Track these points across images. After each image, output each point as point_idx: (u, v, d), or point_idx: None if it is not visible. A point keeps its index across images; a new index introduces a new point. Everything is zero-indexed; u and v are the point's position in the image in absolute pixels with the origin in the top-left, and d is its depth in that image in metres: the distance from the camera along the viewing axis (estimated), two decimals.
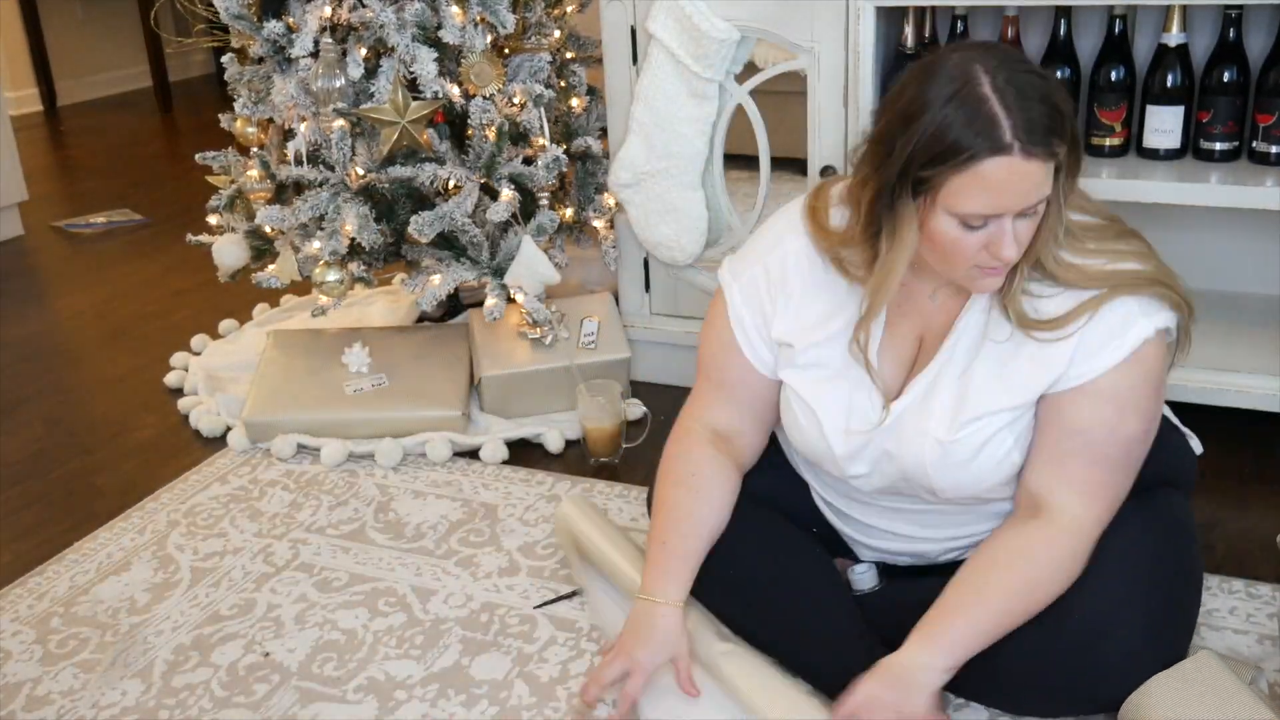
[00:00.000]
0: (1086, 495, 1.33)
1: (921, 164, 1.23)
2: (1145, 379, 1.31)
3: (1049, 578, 1.32)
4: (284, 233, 2.32)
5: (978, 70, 1.22)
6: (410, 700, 1.52)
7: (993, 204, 1.23)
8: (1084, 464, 1.32)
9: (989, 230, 1.25)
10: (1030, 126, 1.20)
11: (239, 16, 2.26)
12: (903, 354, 1.41)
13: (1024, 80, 1.21)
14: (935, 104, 1.22)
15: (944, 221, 1.26)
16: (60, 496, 2.10)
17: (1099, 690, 1.34)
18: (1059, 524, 1.33)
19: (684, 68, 2.08)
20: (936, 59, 1.25)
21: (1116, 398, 1.30)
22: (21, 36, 5.57)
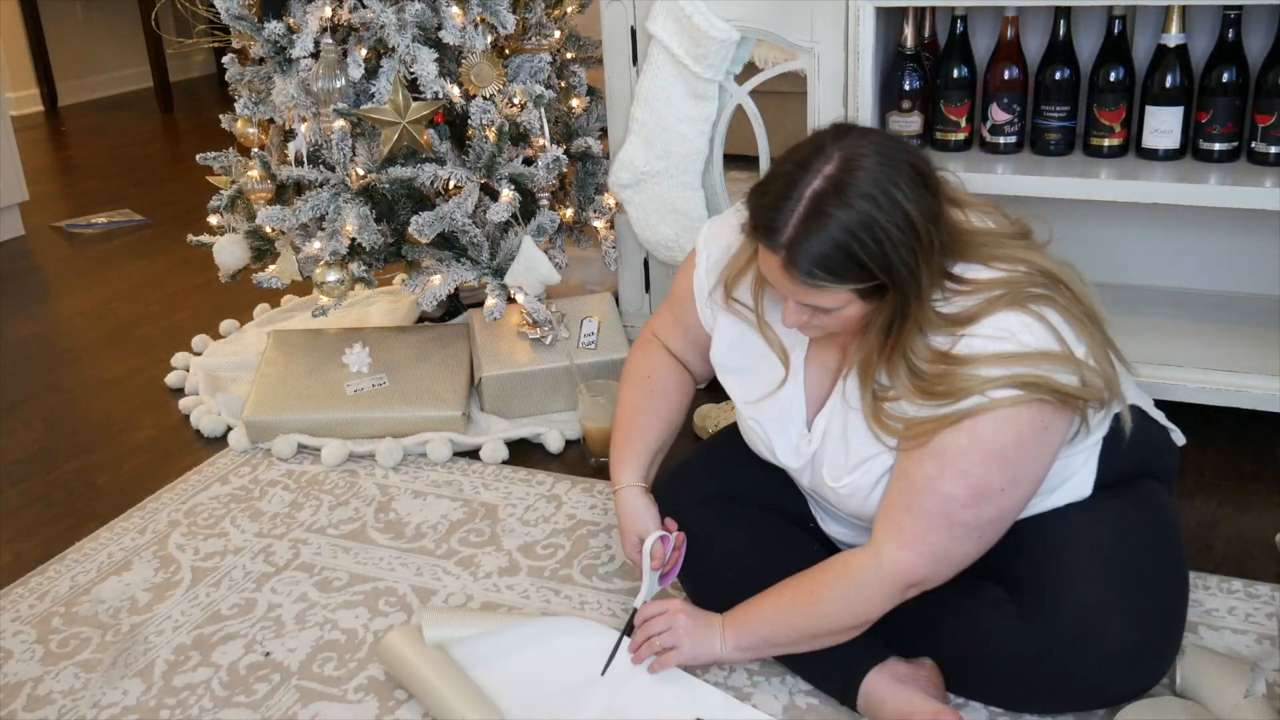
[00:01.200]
0: (897, 539, 1.32)
1: (747, 206, 1.31)
2: (975, 446, 1.27)
3: (834, 602, 1.36)
4: (284, 233, 2.33)
5: (823, 167, 1.23)
6: (410, 700, 1.52)
7: (769, 278, 1.31)
8: (902, 509, 1.32)
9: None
10: (799, 252, 1.23)
11: (240, 17, 2.27)
12: (830, 364, 1.44)
13: (839, 213, 1.20)
14: (778, 164, 1.28)
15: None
16: (61, 496, 2.10)
17: (1090, 686, 1.35)
18: (867, 555, 1.35)
19: (684, 68, 2.08)
20: (831, 130, 1.28)
21: (939, 454, 1.28)
22: (22, 37, 5.58)
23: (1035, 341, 1.26)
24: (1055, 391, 1.25)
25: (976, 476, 1.28)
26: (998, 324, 1.27)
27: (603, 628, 1.57)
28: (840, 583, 1.36)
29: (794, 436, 1.47)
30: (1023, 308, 1.28)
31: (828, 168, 1.23)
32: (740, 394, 1.52)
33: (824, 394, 1.44)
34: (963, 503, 1.29)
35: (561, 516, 1.93)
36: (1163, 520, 1.43)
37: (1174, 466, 1.57)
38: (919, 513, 1.31)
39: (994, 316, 1.28)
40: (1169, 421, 1.59)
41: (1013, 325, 1.27)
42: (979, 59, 2.13)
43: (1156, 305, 2.22)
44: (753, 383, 1.50)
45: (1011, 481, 1.30)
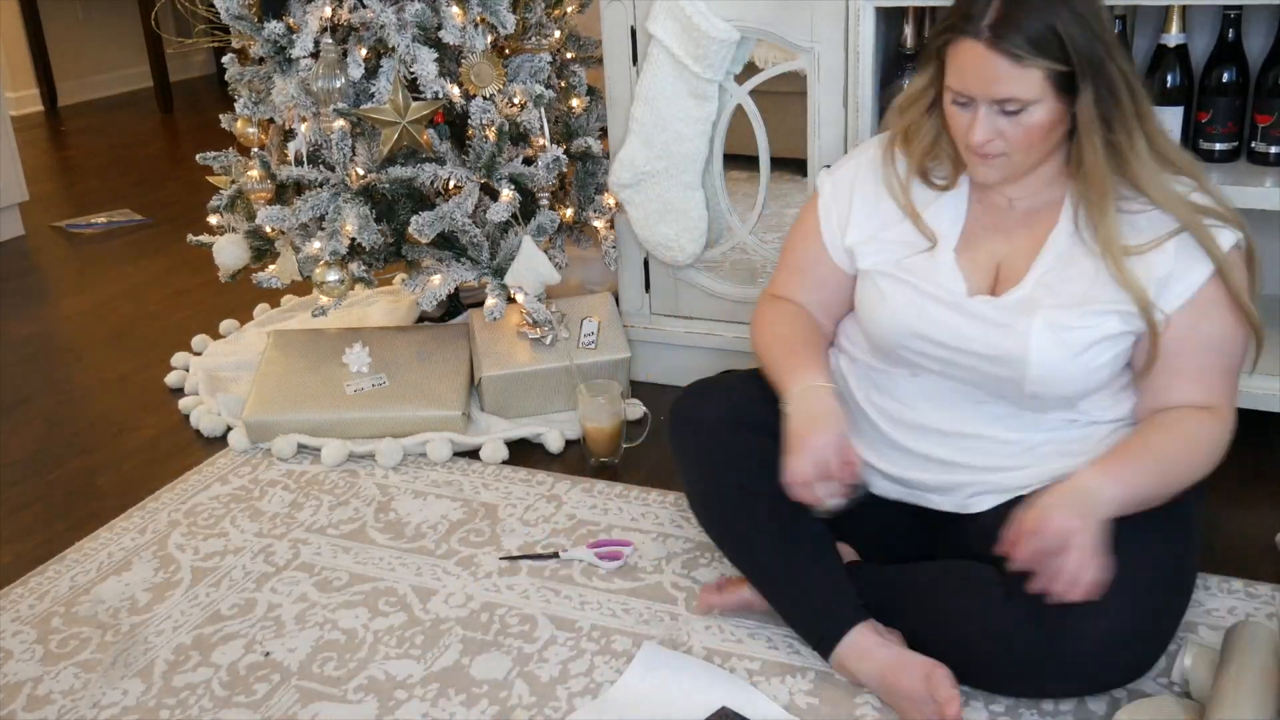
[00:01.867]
0: (1226, 394, 1.43)
1: (937, 29, 1.38)
2: (1244, 282, 1.40)
3: (1202, 451, 1.40)
4: (284, 233, 2.33)
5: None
6: (410, 700, 1.52)
7: (961, 83, 1.35)
8: (1221, 374, 1.42)
9: (971, 111, 1.36)
10: (1006, 26, 1.29)
11: (239, 17, 2.27)
12: (982, 259, 1.47)
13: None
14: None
15: (946, 93, 1.39)
16: (60, 496, 2.10)
17: (1074, 670, 1.35)
18: (1219, 416, 1.42)
19: (684, 68, 2.08)
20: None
21: (1235, 302, 1.39)
22: (22, 37, 5.58)
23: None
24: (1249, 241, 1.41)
25: (1247, 313, 1.41)
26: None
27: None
28: (1199, 433, 1.40)
29: (954, 299, 1.46)
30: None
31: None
32: (888, 262, 1.51)
33: (983, 280, 1.47)
34: (1244, 343, 1.44)
35: (561, 516, 1.93)
36: (1172, 514, 1.42)
37: None
38: (1233, 372, 1.43)
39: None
40: None
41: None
42: None
43: None
44: (898, 255, 1.52)
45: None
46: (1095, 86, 1.32)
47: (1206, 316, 1.39)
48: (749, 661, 1.54)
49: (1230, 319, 1.40)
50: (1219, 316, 1.40)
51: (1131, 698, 1.42)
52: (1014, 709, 1.43)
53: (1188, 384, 1.41)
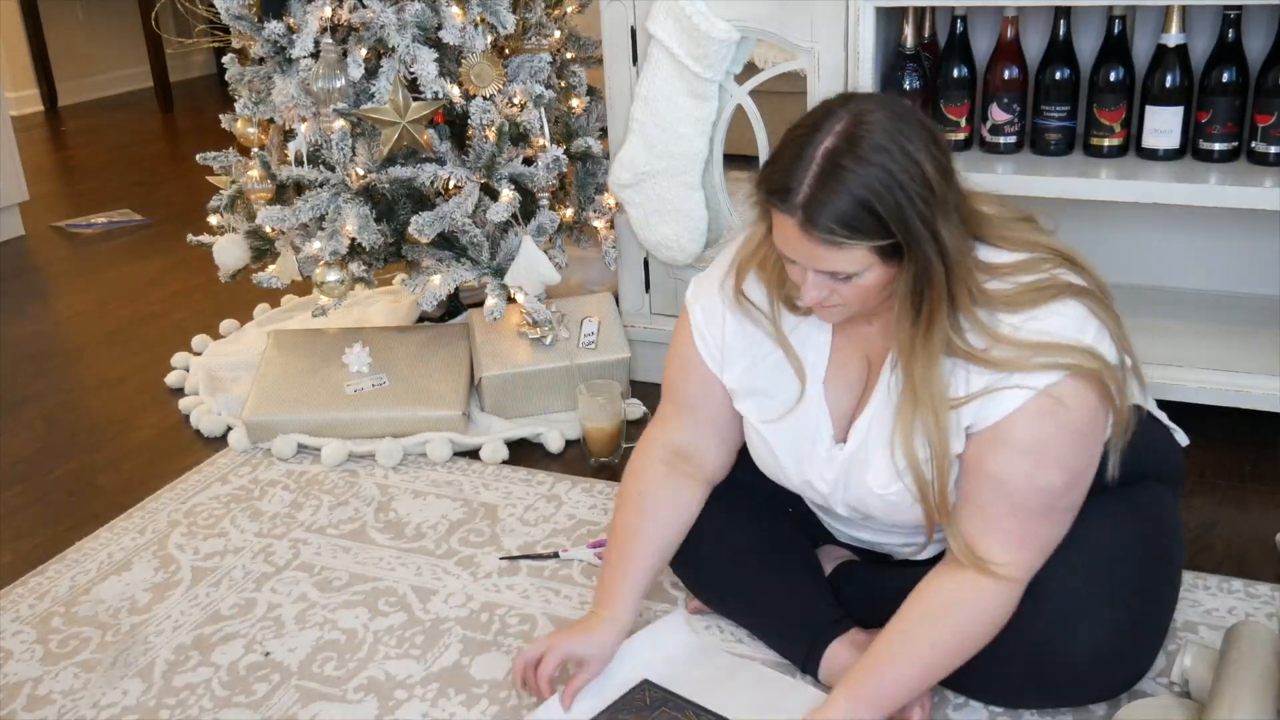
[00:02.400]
0: (1011, 545, 1.30)
1: (757, 181, 1.28)
2: (1063, 429, 1.27)
3: (977, 629, 1.32)
4: (284, 233, 2.33)
5: (835, 126, 1.22)
6: (410, 700, 1.52)
7: (785, 250, 1.28)
8: (1005, 513, 1.30)
9: (802, 270, 1.29)
10: (817, 209, 1.20)
11: (239, 17, 2.27)
12: (854, 381, 1.43)
13: (855, 168, 1.19)
14: (788, 132, 1.27)
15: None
16: (60, 496, 2.10)
17: (1063, 683, 1.35)
18: (988, 573, 1.30)
19: (684, 68, 2.08)
20: (838, 96, 1.28)
21: (1034, 450, 1.27)
22: (22, 37, 5.58)
23: (1077, 335, 1.28)
24: (1107, 375, 1.28)
25: (1069, 461, 1.29)
26: (1039, 317, 1.28)
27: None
28: (971, 611, 1.32)
29: (823, 451, 1.44)
30: (1059, 298, 1.29)
31: (838, 126, 1.22)
32: (758, 415, 1.48)
33: (849, 409, 1.42)
34: (1061, 491, 1.30)
35: (561, 516, 1.93)
36: (1157, 523, 1.43)
37: (1179, 469, 1.56)
38: (1025, 513, 1.30)
39: (1037, 309, 1.28)
40: (1172, 423, 1.59)
41: (1055, 321, 1.28)
42: (979, 59, 2.13)
43: (1156, 305, 2.22)
44: (769, 405, 1.47)
45: (1090, 459, 1.32)
46: (915, 264, 1.24)
47: (991, 453, 1.29)
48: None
49: (1019, 464, 1.27)
50: (1004, 458, 1.28)
51: (1131, 698, 1.42)
52: (1013, 710, 1.43)
53: (972, 515, 1.32)
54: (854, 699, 1.32)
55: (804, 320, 1.43)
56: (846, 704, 1.31)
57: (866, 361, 1.42)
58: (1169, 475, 1.53)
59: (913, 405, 1.31)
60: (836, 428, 1.43)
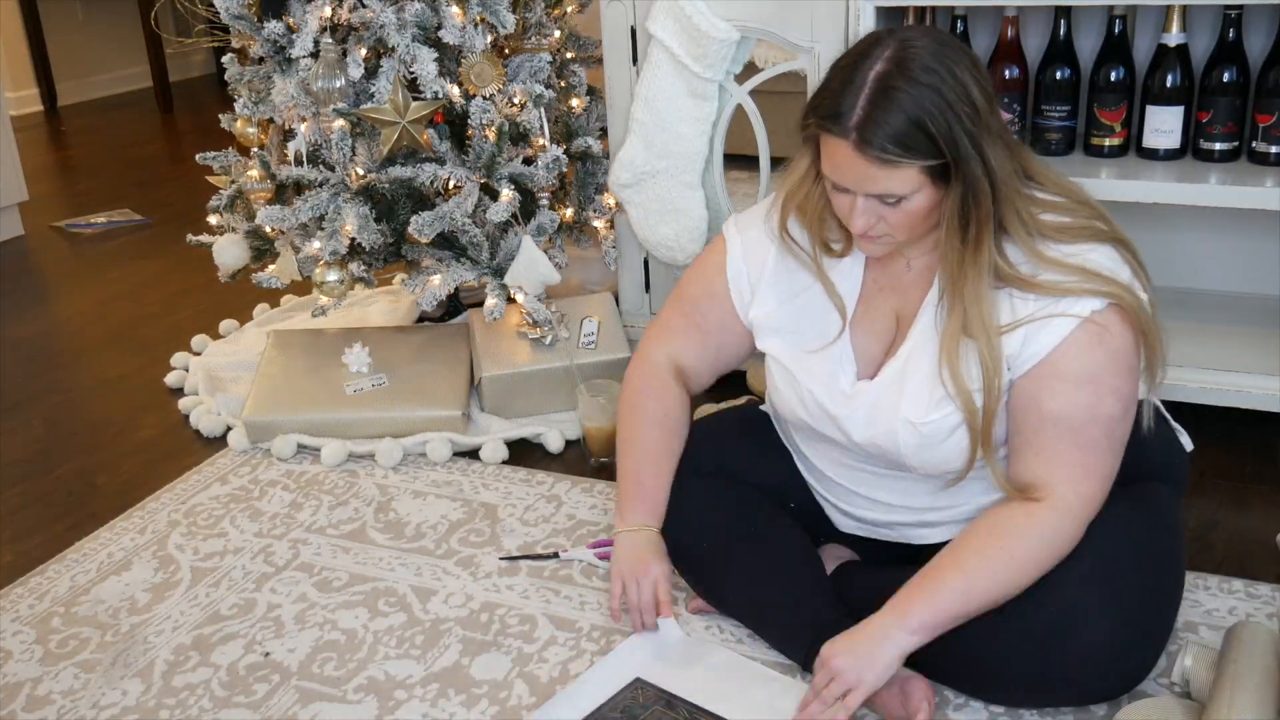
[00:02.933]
0: (1076, 478, 1.33)
1: (806, 112, 1.32)
2: (1112, 358, 1.31)
3: (1030, 552, 1.32)
4: (284, 233, 2.33)
5: (883, 53, 1.27)
6: (410, 700, 1.52)
7: (836, 176, 1.31)
8: (1069, 448, 1.32)
9: (850, 198, 1.32)
10: (872, 128, 1.24)
11: (239, 17, 2.26)
12: (881, 331, 1.45)
13: (907, 88, 1.24)
14: (836, 62, 1.31)
15: (825, 178, 1.35)
16: (60, 496, 2.10)
17: (1065, 683, 1.35)
18: (1054, 504, 1.32)
19: (684, 68, 2.08)
20: (881, 30, 1.33)
21: (1091, 380, 1.30)
22: (22, 36, 5.57)
23: (1121, 272, 1.32)
24: (1143, 314, 1.32)
25: (1123, 389, 1.32)
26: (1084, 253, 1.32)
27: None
28: (1032, 533, 1.31)
29: (845, 386, 1.45)
30: (1102, 240, 1.34)
31: (886, 52, 1.27)
32: (784, 352, 1.50)
33: (876, 354, 1.45)
34: (1119, 418, 1.33)
35: (561, 516, 1.93)
36: (1160, 523, 1.43)
37: (1183, 471, 1.56)
38: (1088, 444, 1.31)
39: (1078, 244, 1.32)
40: (1178, 425, 1.59)
41: (1098, 257, 1.32)
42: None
43: (1157, 305, 2.21)
44: (796, 343, 1.50)
45: (1134, 389, 1.34)
46: (962, 183, 1.27)
47: (1048, 389, 1.31)
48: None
49: (1078, 396, 1.30)
50: (1063, 392, 1.31)
51: (1132, 698, 1.42)
52: (1014, 710, 1.43)
53: (1033, 458, 1.34)
54: (893, 608, 1.33)
55: (838, 264, 1.47)
56: (887, 613, 1.33)
57: (895, 316, 1.44)
58: (1173, 478, 1.53)
59: (961, 326, 1.33)
60: (861, 366, 1.45)
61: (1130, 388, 1.34)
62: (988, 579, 1.32)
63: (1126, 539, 1.37)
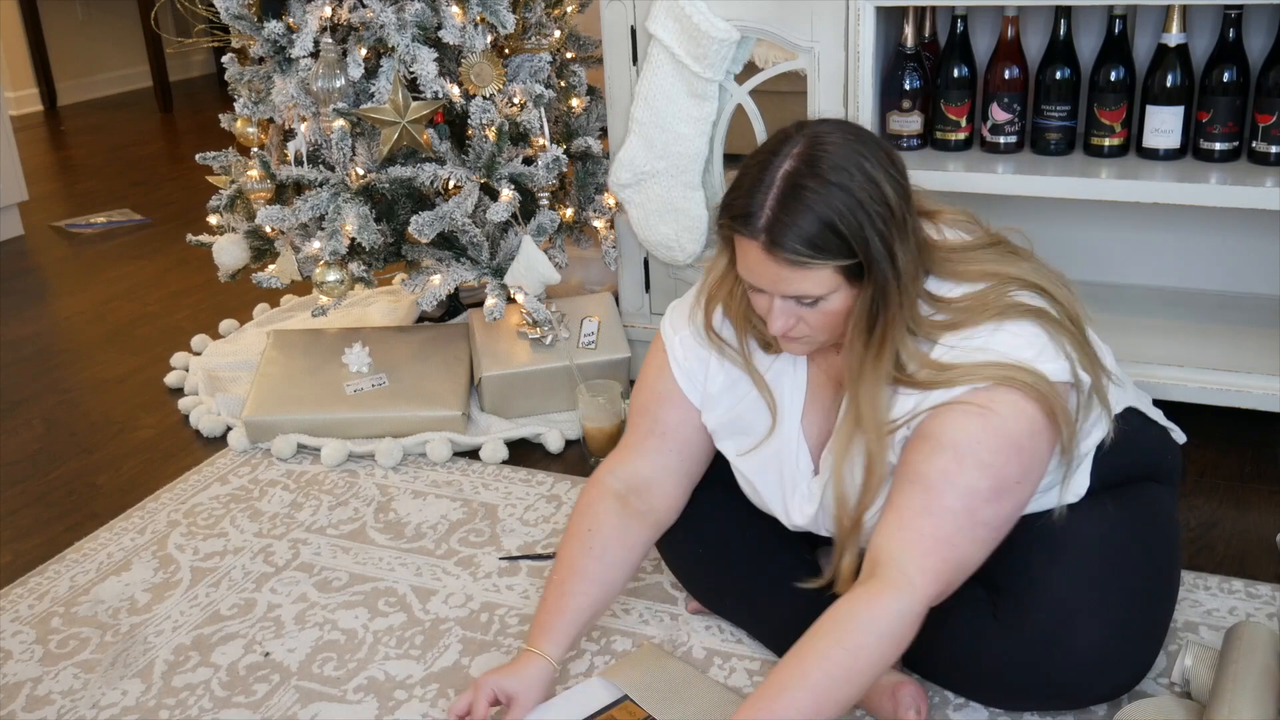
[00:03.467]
0: (920, 549, 1.24)
1: (720, 209, 1.28)
2: (993, 433, 1.24)
3: (874, 643, 1.22)
4: (284, 233, 2.32)
5: (793, 149, 1.23)
6: (410, 700, 1.52)
7: (750, 277, 1.28)
8: (919, 511, 1.24)
9: (768, 299, 1.28)
10: (781, 230, 1.21)
11: (239, 17, 2.26)
12: (828, 410, 1.43)
13: (817, 187, 1.20)
14: (747, 160, 1.27)
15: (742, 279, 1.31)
16: (60, 496, 2.10)
17: (1061, 687, 1.35)
18: (885, 581, 1.23)
19: (684, 68, 2.08)
20: (794, 124, 1.29)
21: (955, 445, 1.24)
22: (21, 36, 5.58)
23: (1014, 352, 1.26)
24: (1046, 390, 1.25)
25: (996, 467, 1.24)
26: (984, 335, 1.27)
27: None
28: (876, 624, 1.22)
29: (804, 487, 1.44)
30: (1008, 318, 1.28)
31: (796, 149, 1.23)
32: (736, 451, 1.48)
33: (825, 440, 1.42)
34: (985, 497, 1.24)
35: (561, 516, 1.93)
36: (1153, 524, 1.43)
37: (1176, 467, 1.56)
38: (941, 512, 1.24)
39: (980, 326, 1.28)
40: (1168, 421, 1.59)
41: (1000, 338, 1.27)
42: (979, 59, 2.13)
43: (1156, 305, 2.22)
44: (749, 445, 1.47)
45: (1024, 474, 1.27)
46: (873, 284, 1.24)
47: (914, 449, 1.26)
48: (748, 662, 1.54)
49: (938, 459, 1.23)
50: (925, 451, 1.25)
51: (1132, 698, 1.42)
52: (1014, 710, 1.43)
53: (888, 516, 1.27)
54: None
55: (778, 358, 1.43)
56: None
57: (841, 394, 1.41)
58: (1167, 475, 1.52)
59: (854, 425, 1.30)
60: (815, 460, 1.44)
61: (1011, 469, 1.25)
62: (837, 686, 1.21)
63: (1119, 539, 1.37)
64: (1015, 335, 1.27)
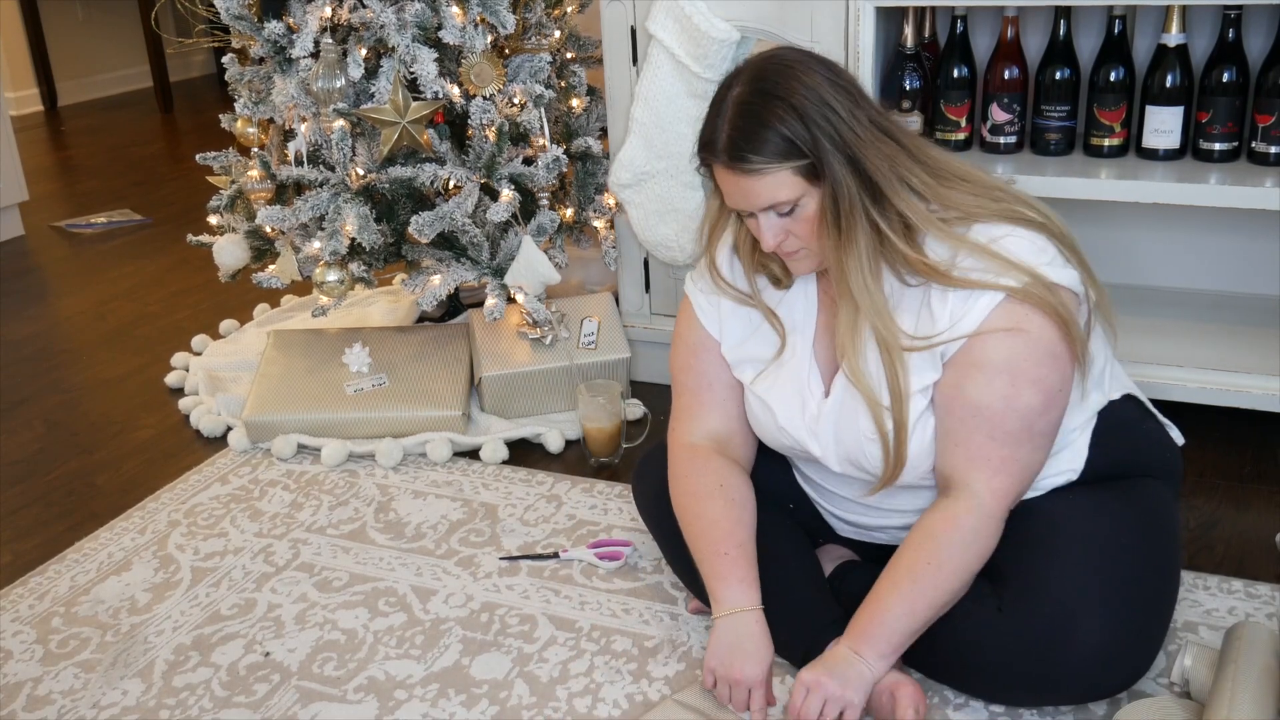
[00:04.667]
0: (989, 470, 1.35)
1: (695, 150, 1.39)
2: (1034, 349, 1.32)
3: (954, 556, 1.35)
4: (284, 233, 2.33)
5: (740, 77, 1.35)
6: (410, 700, 1.52)
7: (729, 201, 1.38)
8: (984, 439, 1.34)
9: (754, 220, 1.37)
10: (737, 146, 1.32)
11: (239, 17, 2.26)
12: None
13: (759, 102, 1.31)
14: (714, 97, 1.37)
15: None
16: (60, 496, 2.10)
17: (1063, 681, 1.35)
18: (962, 501, 1.35)
19: (684, 68, 2.08)
20: (743, 61, 1.40)
21: (1008, 369, 1.32)
22: (22, 36, 5.58)
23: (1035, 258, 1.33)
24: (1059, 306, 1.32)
25: (1043, 379, 1.32)
26: (996, 232, 1.34)
27: None
28: (953, 540, 1.35)
29: (813, 407, 1.46)
30: (1017, 223, 1.35)
31: (744, 76, 1.35)
32: (759, 381, 1.52)
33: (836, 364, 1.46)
34: (1039, 410, 1.33)
35: (561, 516, 1.93)
36: (1154, 519, 1.43)
37: (1176, 466, 1.56)
38: (1003, 436, 1.33)
39: (990, 224, 1.35)
40: (1167, 420, 1.59)
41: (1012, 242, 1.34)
42: (979, 59, 2.13)
43: (1156, 305, 2.22)
44: (761, 366, 1.52)
45: (1064, 380, 1.35)
46: (829, 181, 1.31)
47: (968, 378, 1.33)
48: None
49: (995, 384, 1.32)
50: (980, 380, 1.32)
51: (1132, 698, 1.42)
52: (1014, 709, 1.43)
53: (952, 449, 1.36)
54: (854, 641, 1.37)
55: (788, 291, 1.50)
56: (846, 648, 1.37)
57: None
58: (1167, 473, 1.53)
59: (851, 315, 1.36)
60: (826, 383, 1.47)
61: (1055, 378, 1.34)
62: (925, 595, 1.35)
63: (1119, 537, 1.37)
64: (1028, 240, 1.35)
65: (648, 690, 1.51)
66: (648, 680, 1.53)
